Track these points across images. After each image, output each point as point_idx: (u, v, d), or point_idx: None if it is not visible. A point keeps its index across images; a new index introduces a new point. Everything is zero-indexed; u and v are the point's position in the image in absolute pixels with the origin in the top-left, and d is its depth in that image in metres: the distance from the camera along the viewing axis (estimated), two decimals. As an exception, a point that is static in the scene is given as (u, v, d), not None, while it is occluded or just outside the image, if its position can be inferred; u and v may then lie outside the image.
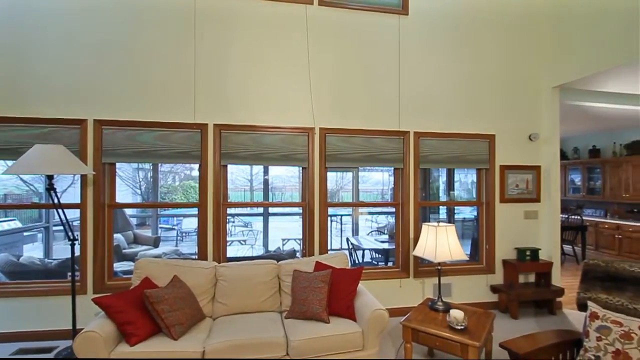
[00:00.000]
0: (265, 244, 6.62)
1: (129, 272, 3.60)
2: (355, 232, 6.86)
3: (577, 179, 7.74)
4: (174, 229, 9.06)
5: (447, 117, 3.77)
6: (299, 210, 3.85)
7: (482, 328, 2.34)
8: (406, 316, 2.55)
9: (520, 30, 3.97)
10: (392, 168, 3.75)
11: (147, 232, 7.57)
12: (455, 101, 3.80)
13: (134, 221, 7.54)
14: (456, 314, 2.35)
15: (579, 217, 6.67)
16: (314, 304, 2.52)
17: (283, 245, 6.60)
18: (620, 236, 6.50)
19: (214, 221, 3.24)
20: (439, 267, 2.82)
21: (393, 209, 3.84)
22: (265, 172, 6.67)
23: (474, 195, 4.11)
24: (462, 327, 2.31)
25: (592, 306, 1.91)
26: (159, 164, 7.37)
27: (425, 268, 3.66)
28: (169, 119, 3.17)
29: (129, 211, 7.35)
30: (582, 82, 3.86)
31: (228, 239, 4.00)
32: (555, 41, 3.91)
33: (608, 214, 7.07)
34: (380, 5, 3.60)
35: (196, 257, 3.33)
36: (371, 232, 7.06)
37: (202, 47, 3.24)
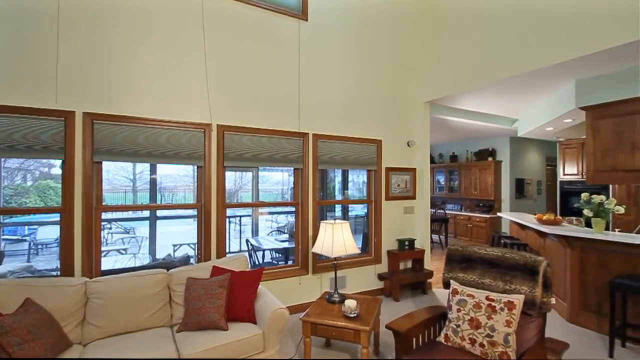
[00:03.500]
0: (153, 251, 5.90)
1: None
2: (255, 232, 6.74)
3: (442, 179, 9.35)
4: (24, 240, 7.23)
5: (342, 121, 4.05)
6: (193, 212, 3.55)
7: (371, 313, 2.59)
8: (305, 312, 2.63)
9: (402, 49, 4.56)
10: (292, 168, 3.82)
11: (-18, 247, 5.84)
12: (350, 107, 4.10)
13: (-40, 233, 5.73)
14: (350, 304, 2.54)
15: (442, 211, 8.05)
16: (211, 311, 2.37)
17: (174, 251, 6.00)
18: (471, 225, 8.12)
19: (83, 228, 2.71)
20: (335, 262, 3.00)
21: (293, 209, 3.91)
22: (153, 170, 5.92)
23: (365, 194, 4.53)
24: (355, 315, 2.50)
25: (454, 284, 2.32)
26: (1, 159, 5.78)
27: (323, 264, 3.85)
28: (17, 102, 2.51)
29: (-49, 220, 5.54)
30: (444, 100, 4.68)
31: (103, 248, 3.42)
32: (427, 62, 4.63)
33: (463, 208, 8.75)
34: (280, 7, 3.62)
35: (58, 273, 2.73)
36: (271, 232, 7.05)
37: (67, 16, 2.67)
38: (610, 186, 5.05)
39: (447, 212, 8.38)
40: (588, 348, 2.94)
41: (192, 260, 3.99)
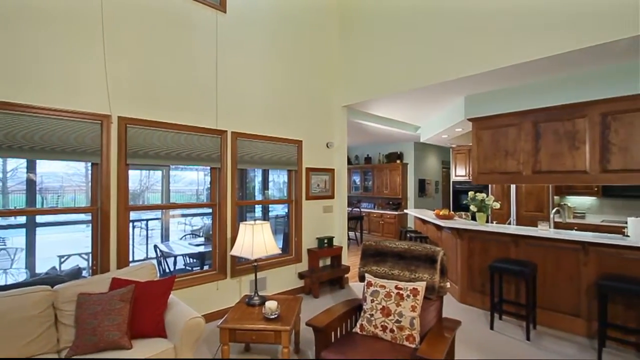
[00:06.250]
0: (31, 265, 4.89)
1: None
2: (166, 237, 6.15)
3: (357, 179, 9.95)
4: None
5: (263, 120, 3.98)
6: (87, 216, 3.07)
7: (292, 313, 2.60)
8: (223, 318, 2.50)
9: (323, 53, 4.70)
10: (209, 167, 3.60)
11: None
12: (270, 106, 4.06)
13: None
14: (270, 305, 2.50)
15: (358, 209, 8.57)
16: (110, 330, 2.07)
17: (61, 263, 5.08)
18: (382, 222, 8.83)
19: None
20: (256, 264, 2.93)
21: (210, 210, 3.69)
22: (30, 167, 4.90)
23: (285, 194, 4.53)
24: (276, 316, 2.48)
25: (368, 277, 2.48)
26: None
27: (242, 266, 3.72)
28: None
29: None
30: (360, 105, 5.00)
31: (-43, 265, 2.71)
32: (345, 68, 4.87)
33: (376, 206, 9.46)
34: (196, -7, 3.38)
35: None
36: (185, 235, 6.53)
37: None
38: (490, 185, 6.06)
39: (362, 210, 8.96)
40: (475, 323, 3.46)
41: (85, 273, 3.46)
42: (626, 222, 3.20)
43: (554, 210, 4.05)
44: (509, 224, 5.41)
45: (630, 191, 4.97)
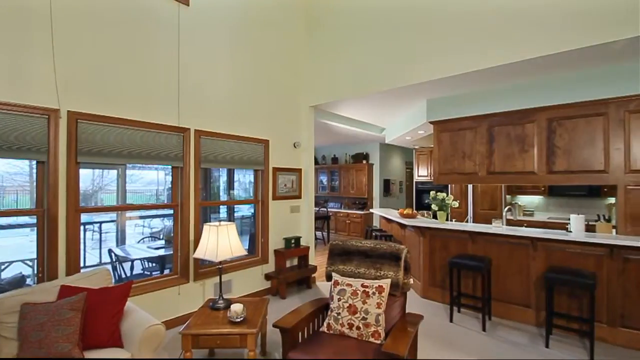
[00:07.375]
0: (-36, 274, 4.38)
1: None
2: (122, 240, 5.79)
3: (324, 179, 10.01)
4: None
5: (229, 118, 3.87)
6: (31, 219, 2.81)
7: (259, 315, 2.56)
8: (186, 324, 2.41)
9: (290, 52, 4.67)
10: (170, 166, 3.44)
11: None
12: (236, 104, 3.96)
13: None
14: (236, 308, 2.44)
15: (325, 209, 8.63)
16: (59, 341, 1.91)
17: (1, 271, 4.62)
18: (349, 221, 8.96)
19: None
20: (220, 266, 2.84)
21: (171, 211, 3.52)
22: (-36, 166, 4.39)
23: (252, 194, 4.45)
24: (242, 319, 2.43)
25: (335, 276, 2.50)
26: None
27: (206, 269, 3.59)
28: None
29: None
30: (327, 106, 5.03)
31: None
32: (313, 68, 4.87)
33: (342, 206, 9.57)
34: (156, -16, 3.22)
35: None
36: (143, 238, 6.19)
37: None
38: (449, 185, 6.36)
39: (329, 210, 9.02)
40: (436, 317, 3.61)
41: (29, 281, 3.17)
42: (569, 219, 3.50)
43: (506, 209, 4.33)
44: (467, 221, 5.72)
45: (572, 190, 5.45)
